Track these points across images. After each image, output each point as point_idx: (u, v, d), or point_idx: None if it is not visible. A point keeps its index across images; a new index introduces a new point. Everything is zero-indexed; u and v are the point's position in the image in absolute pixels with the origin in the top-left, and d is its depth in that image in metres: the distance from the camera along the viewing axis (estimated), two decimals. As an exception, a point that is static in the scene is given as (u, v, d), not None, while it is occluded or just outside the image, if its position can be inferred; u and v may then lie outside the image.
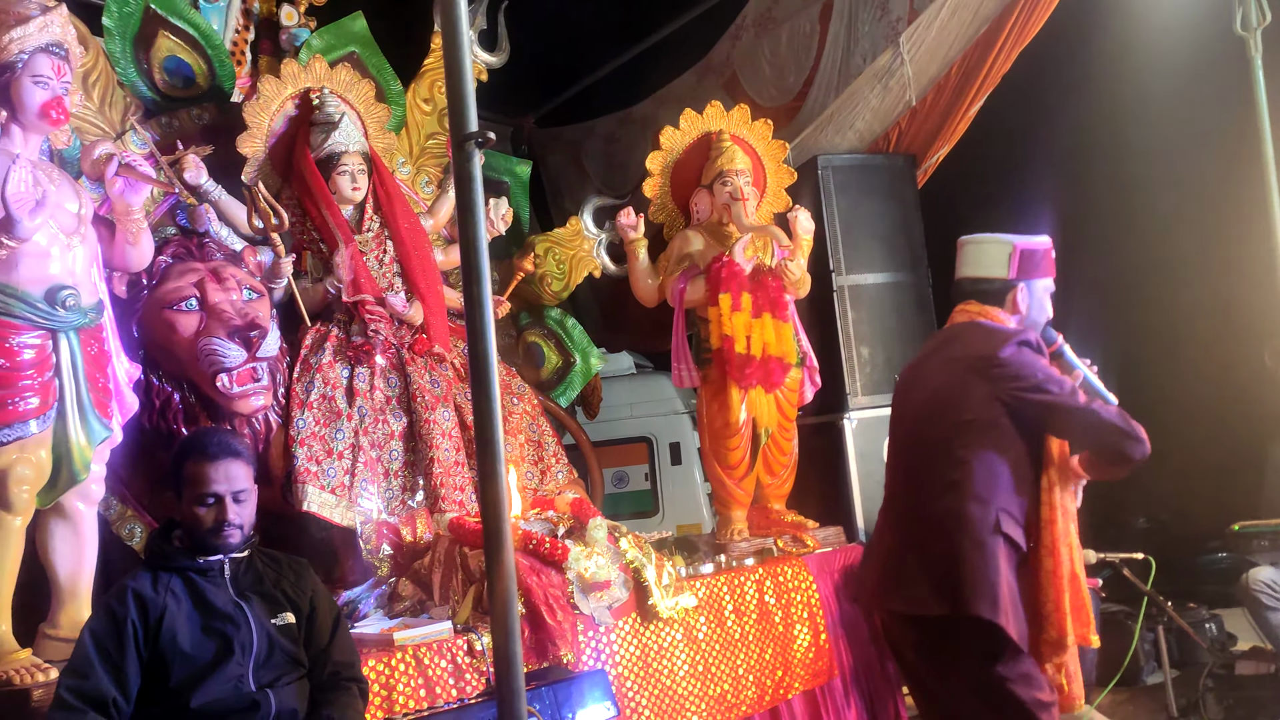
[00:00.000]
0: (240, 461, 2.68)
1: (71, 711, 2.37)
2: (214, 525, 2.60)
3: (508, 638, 1.45)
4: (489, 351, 1.50)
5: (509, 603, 1.46)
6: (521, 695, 1.41)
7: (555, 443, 4.73)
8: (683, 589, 3.91)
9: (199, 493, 2.60)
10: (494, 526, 1.47)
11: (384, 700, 3.09)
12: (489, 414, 1.47)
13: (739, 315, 4.67)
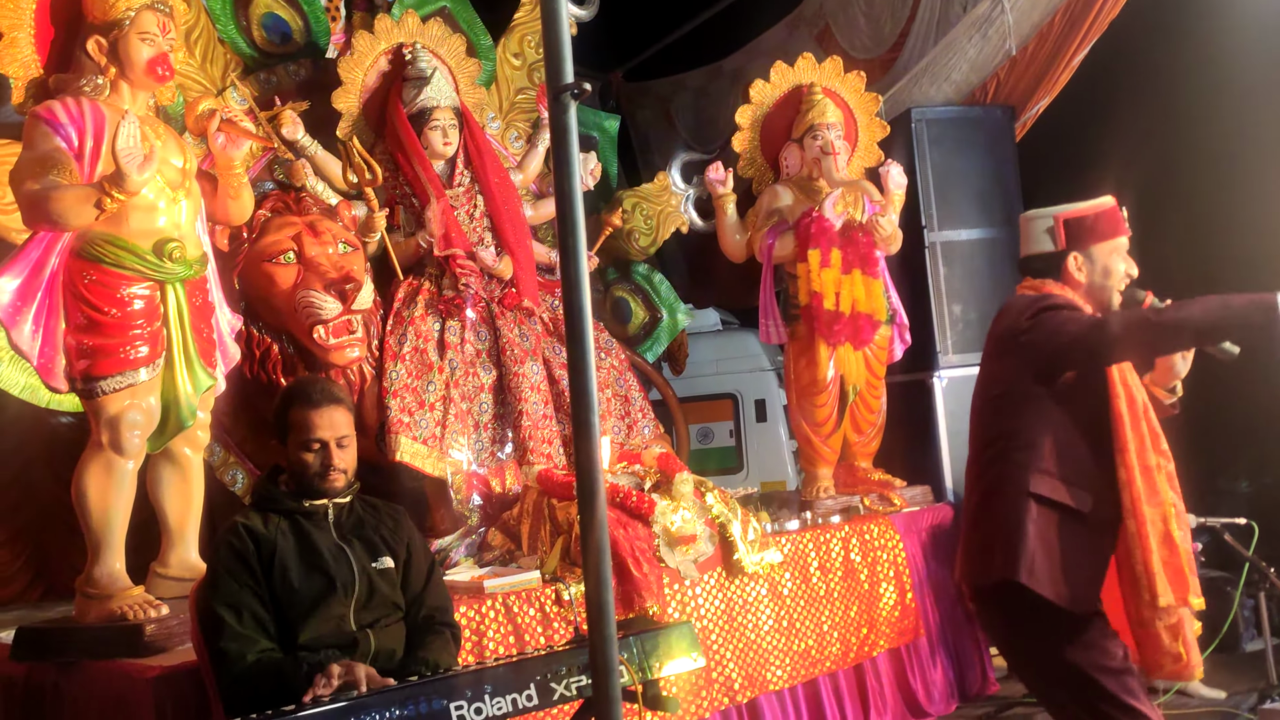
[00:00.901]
0: (343, 408, 2.74)
1: (244, 640, 2.45)
2: (320, 470, 2.66)
3: (599, 585, 1.47)
4: (584, 304, 1.50)
5: (601, 550, 1.48)
6: (613, 641, 1.43)
7: (642, 398, 4.75)
8: (768, 545, 3.92)
9: (305, 438, 2.66)
10: (587, 472, 1.48)
11: (475, 645, 3.17)
12: (584, 365, 1.48)
13: (828, 271, 4.62)
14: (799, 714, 3.97)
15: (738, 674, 3.73)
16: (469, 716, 2.21)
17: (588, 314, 1.63)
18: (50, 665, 3.05)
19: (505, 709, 2.26)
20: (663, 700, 2.45)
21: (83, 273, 3.10)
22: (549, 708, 2.38)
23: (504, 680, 2.29)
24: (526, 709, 2.30)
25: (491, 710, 2.24)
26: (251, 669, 2.40)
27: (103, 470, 3.08)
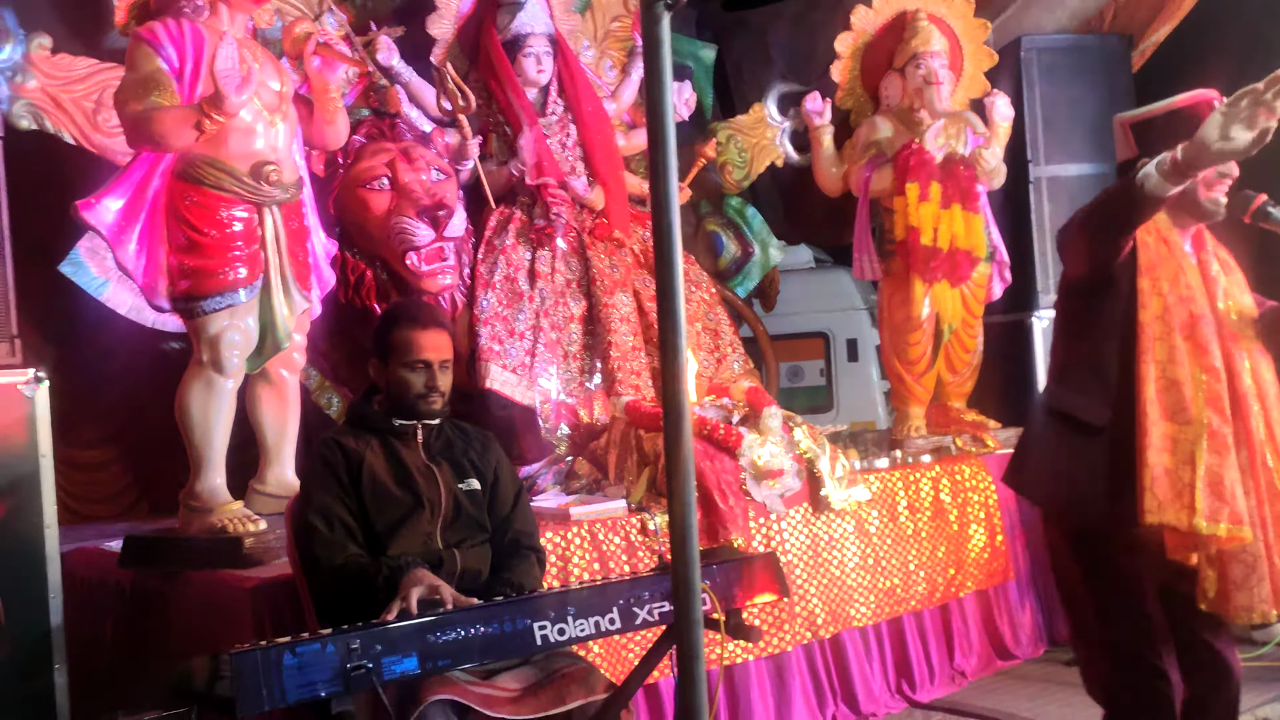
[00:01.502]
0: (446, 333, 2.76)
1: (333, 545, 2.50)
2: (423, 391, 2.67)
3: (684, 509, 1.44)
4: (673, 225, 1.46)
5: (686, 473, 1.45)
6: (695, 565, 1.40)
7: (731, 332, 4.70)
8: (856, 482, 3.87)
9: (409, 359, 2.66)
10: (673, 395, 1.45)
11: (560, 570, 3.21)
12: (672, 289, 1.44)
13: (927, 205, 4.48)
14: (882, 651, 3.94)
15: (821, 609, 3.71)
16: (552, 636, 2.23)
17: (677, 236, 1.59)
18: (155, 573, 3.18)
19: (588, 630, 2.27)
20: (745, 629, 2.44)
21: (184, 194, 3.16)
22: (631, 631, 2.39)
23: (587, 603, 2.29)
24: (609, 632, 2.31)
25: (574, 631, 2.25)
26: (340, 572, 2.46)
27: (204, 388, 3.17)
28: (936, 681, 4.05)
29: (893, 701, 3.89)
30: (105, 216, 3.14)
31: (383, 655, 2.05)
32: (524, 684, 2.44)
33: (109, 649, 3.25)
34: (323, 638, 2.00)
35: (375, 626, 2.11)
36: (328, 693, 1.98)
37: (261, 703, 1.92)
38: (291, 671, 1.96)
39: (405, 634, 2.09)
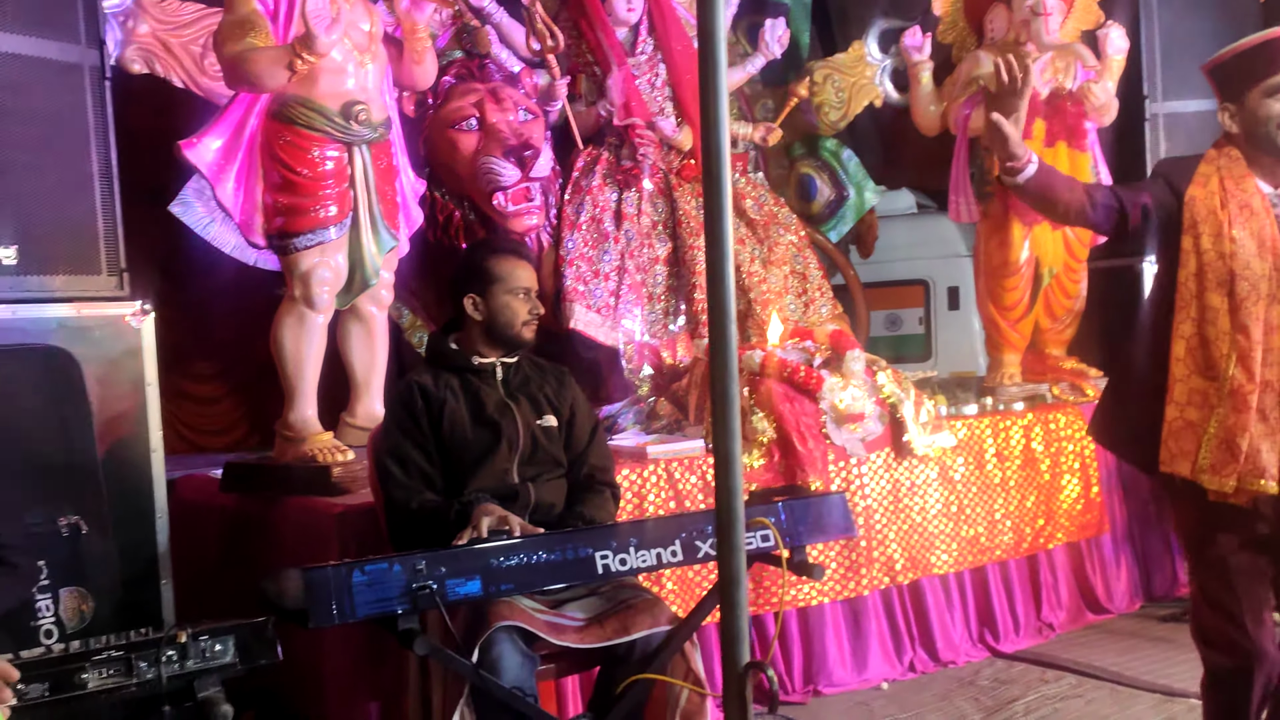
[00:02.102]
0: (533, 267, 2.83)
1: (408, 490, 2.60)
2: (529, 317, 2.74)
3: (728, 438, 1.45)
4: (721, 147, 1.45)
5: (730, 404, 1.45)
6: (738, 494, 1.41)
7: (820, 276, 4.65)
8: (941, 428, 3.81)
9: (514, 286, 2.72)
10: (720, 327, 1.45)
11: (635, 507, 3.25)
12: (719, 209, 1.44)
13: (1029, 144, 4.30)
14: (964, 600, 3.90)
15: (900, 555, 3.68)
16: (613, 566, 2.27)
17: (726, 157, 1.58)
18: (254, 497, 3.34)
19: (649, 561, 2.31)
20: (809, 567, 2.44)
21: (278, 134, 3.25)
22: (692, 564, 2.42)
23: (650, 534, 2.33)
24: (670, 563, 2.34)
25: (636, 562, 2.29)
26: (414, 514, 2.55)
27: (296, 322, 3.28)
28: (1022, 633, 3.99)
29: (974, 650, 3.85)
30: (205, 156, 3.26)
31: (447, 577, 2.12)
32: (590, 614, 2.49)
33: (213, 567, 3.44)
34: (390, 558, 2.09)
35: (441, 550, 2.19)
36: (393, 610, 2.06)
37: (332, 616, 2.02)
38: (361, 588, 2.05)
39: (469, 557, 2.16)
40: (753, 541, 2.39)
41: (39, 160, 2.98)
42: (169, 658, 1.85)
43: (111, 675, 1.82)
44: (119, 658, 1.83)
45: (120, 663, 1.83)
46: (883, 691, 3.57)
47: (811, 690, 3.52)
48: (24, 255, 2.92)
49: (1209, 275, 2.37)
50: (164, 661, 1.85)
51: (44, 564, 2.58)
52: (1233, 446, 2.33)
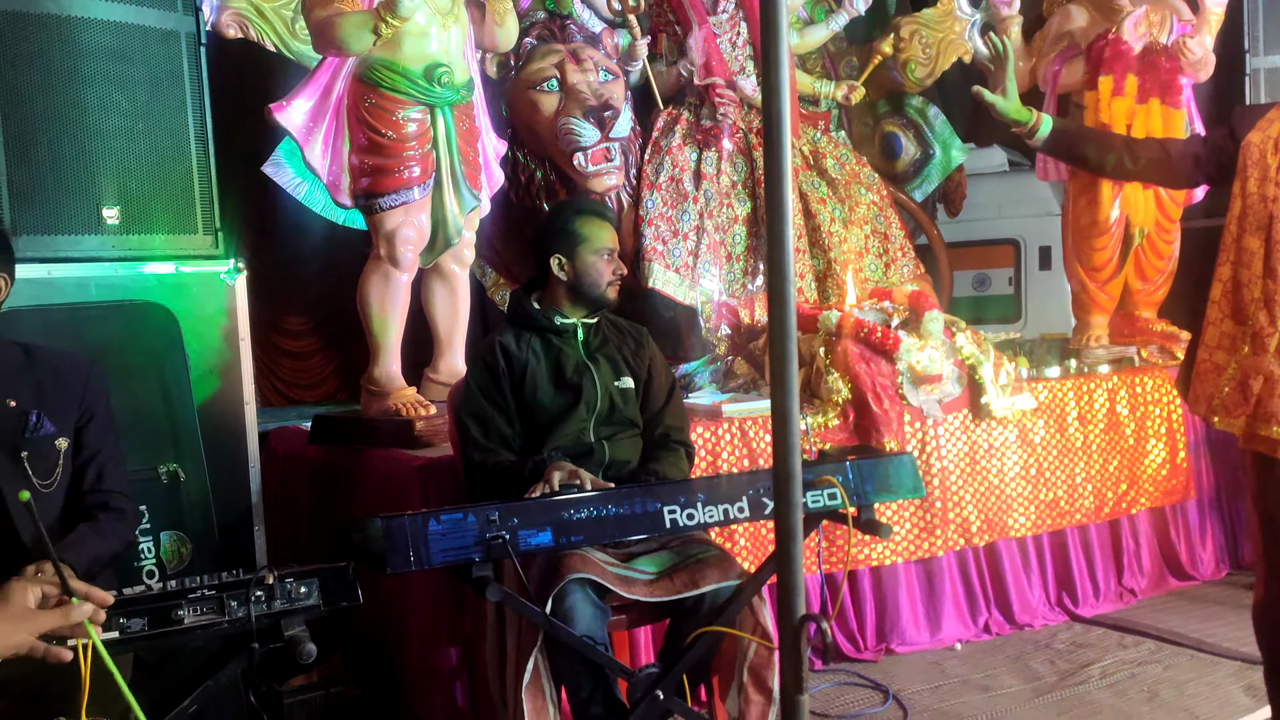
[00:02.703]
0: (615, 228, 2.87)
1: (486, 450, 2.69)
2: (614, 277, 2.79)
3: (785, 394, 1.47)
4: (783, 109, 1.46)
5: (788, 360, 1.48)
6: (796, 450, 1.44)
7: (902, 235, 4.60)
8: (1021, 390, 3.76)
9: (599, 247, 2.77)
10: (779, 284, 1.48)
11: (709, 464, 3.30)
12: (779, 172, 1.45)
13: (1120, 100, 4.20)
14: (1042, 563, 3.86)
15: (976, 517, 3.66)
16: (680, 520, 2.32)
17: (786, 121, 1.58)
18: (340, 449, 3.47)
19: (716, 517, 2.35)
20: (877, 525, 2.46)
21: (364, 96, 3.33)
22: (758, 520, 2.45)
23: (718, 491, 2.37)
24: (737, 519, 2.37)
25: (703, 517, 2.33)
26: (490, 474, 2.64)
27: (381, 281, 3.38)
28: (1102, 598, 3.94)
29: (1051, 614, 3.82)
30: (295, 118, 3.36)
31: (519, 528, 2.19)
32: (660, 568, 2.55)
33: (303, 514, 3.59)
34: (464, 508, 2.16)
35: (514, 501, 2.26)
36: (467, 558, 2.14)
37: (409, 563, 2.10)
38: (436, 537, 2.13)
39: (541, 509, 2.23)
40: (820, 500, 2.42)
41: (139, 125, 3.11)
42: (258, 598, 1.95)
43: (205, 612, 1.93)
44: (212, 596, 1.93)
45: (213, 601, 1.93)
46: (956, 652, 3.57)
47: (884, 649, 3.54)
48: (126, 216, 3.05)
49: (1249, 219, 2.39)
50: (253, 601, 1.95)
51: (145, 509, 2.73)
52: (1245, 388, 2.35)
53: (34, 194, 2.90)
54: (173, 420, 2.95)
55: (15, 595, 1.36)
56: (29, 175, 2.89)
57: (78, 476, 2.23)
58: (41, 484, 2.15)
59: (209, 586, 1.94)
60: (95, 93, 2.99)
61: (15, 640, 1.32)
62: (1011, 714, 3.06)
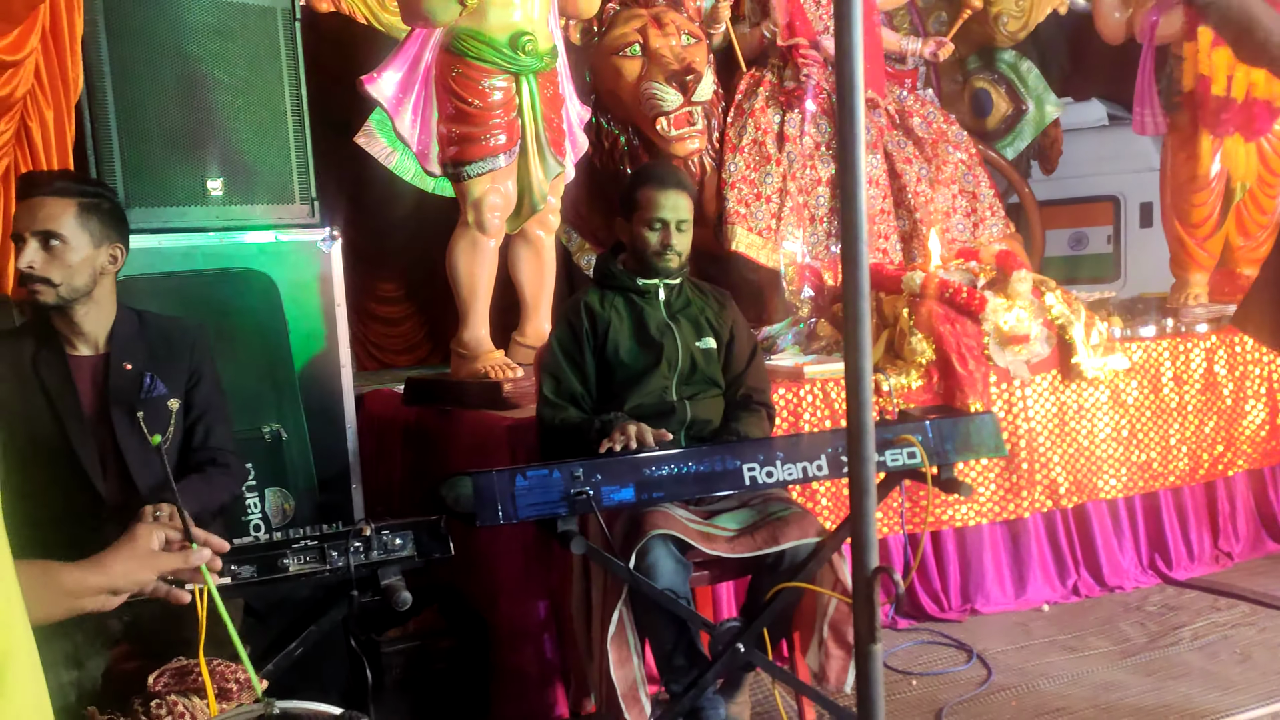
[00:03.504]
0: (687, 195, 2.88)
1: (555, 407, 2.78)
2: (659, 248, 2.82)
3: (858, 354, 1.51)
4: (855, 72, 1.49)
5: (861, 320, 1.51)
6: (868, 408, 1.47)
7: (992, 194, 4.53)
8: (1113, 350, 3.69)
9: (649, 216, 2.81)
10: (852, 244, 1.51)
11: (791, 425, 3.32)
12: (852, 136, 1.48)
13: (1221, 51, 4.06)
14: (1134, 526, 3.80)
15: (1065, 479, 3.62)
16: (760, 478, 2.36)
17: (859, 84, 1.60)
18: (432, 410, 3.58)
19: (795, 475, 2.38)
20: (957, 484, 2.46)
21: (450, 66, 3.41)
22: (837, 478, 2.47)
23: (797, 449, 2.40)
24: (815, 477, 2.41)
25: (782, 474, 2.37)
26: (556, 430, 2.71)
27: (469, 246, 3.47)
28: (1196, 560, 3.87)
29: (1143, 577, 3.77)
30: (385, 89, 3.45)
31: (602, 484, 2.26)
32: (741, 525, 2.60)
33: (398, 474, 3.72)
34: (550, 465, 2.24)
35: (598, 458, 2.32)
36: (553, 513, 2.22)
37: (497, 517, 2.19)
38: (523, 492, 2.21)
39: (623, 466, 2.29)
40: (899, 458, 2.43)
41: (240, 99, 3.24)
42: (356, 548, 2.06)
43: (308, 561, 2.05)
44: (314, 546, 2.05)
45: (315, 551, 2.05)
46: (1043, 613, 3.55)
47: (969, 609, 3.54)
48: (228, 187, 3.19)
49: None
50: (352, 551, 2.06)
51: (251, 467, 2.88)
52: None
53: (144, 167, 3.05)
54: (275, 383, 3.09)
55: (141, 536, 1.45)
56: (139, 149, 3.04)
57: (188, 435, 2.37)
58: (156, 442, 2.29)
59: (311, 538, 2.06)
60: (199, 68, 3.13)
61: (140, 577, 1.40)
62: (1097, 674, 3.04)
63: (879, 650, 1.58)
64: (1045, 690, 2.96)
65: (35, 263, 2.17)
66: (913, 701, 2.91)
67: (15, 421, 2.18)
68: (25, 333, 2.30)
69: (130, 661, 2.02)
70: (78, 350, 2.27)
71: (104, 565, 1.37)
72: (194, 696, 1.85)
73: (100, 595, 1.36)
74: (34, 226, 2.17)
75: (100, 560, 1.39)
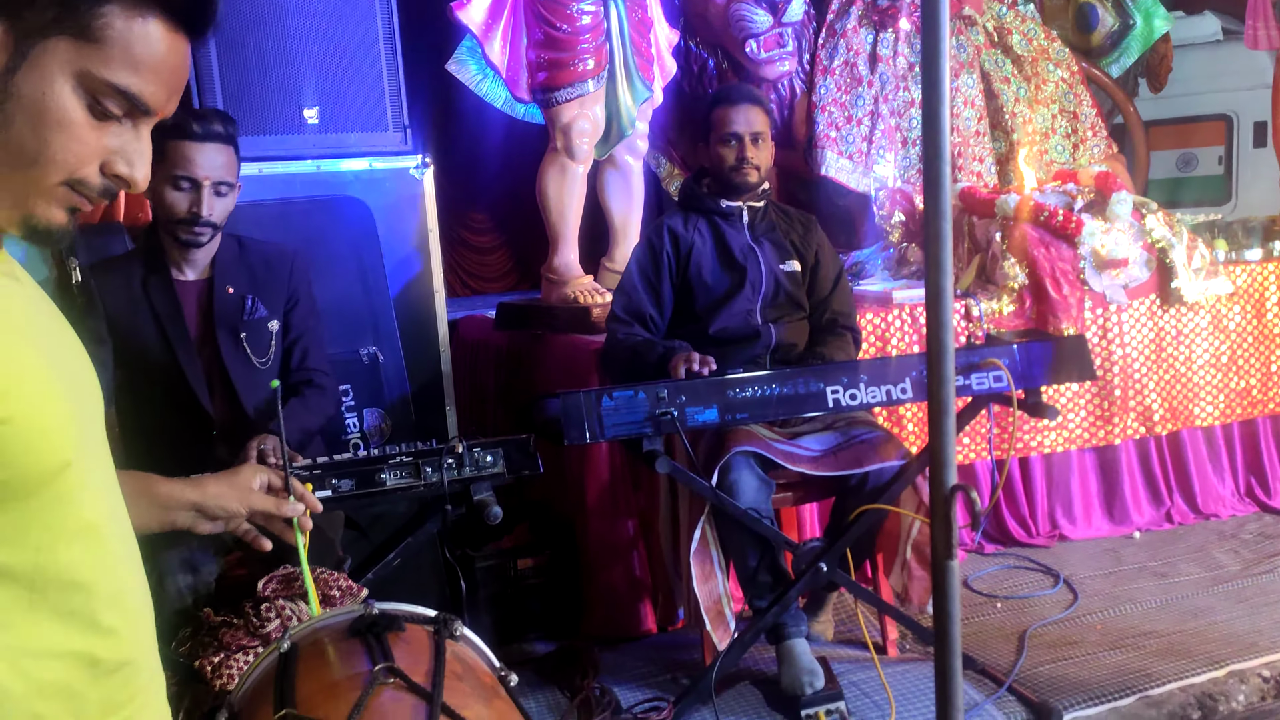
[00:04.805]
0: (759, 109, 2.87)
1: (621, 323, 2.83)
2: (735, 163, 2.82)
3: (939, 274, 1.52)
4: None
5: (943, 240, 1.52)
6: (948, 328, 1.48)
7: (1095, 114, 4.38)
8: (1216, 274, 3.58)
9: (723, 133, 2.82)
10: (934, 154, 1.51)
11: (878, 350, 3.31)
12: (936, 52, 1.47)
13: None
14: (1231, 453, 3.71)
15: (1159, 405, 3.54)
16: (843, 400, 2.38)
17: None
18: (523, 334, 3.66)
19: (878, 398, 2.39)
20: (1043, 408, 2.45)
21: (539, -9, 3.42)
22: (921, 401, 2.48)
23: (881, 372, 2.41)
24: (899, 400, 2.42)
25: (865, 397, 2.38)
26: (620, 343, 2.76)
27: (558, 173, 3.50)
28: (1296, 489, 3.77)
29: (1240, 505, 3.69)
30: (475, 16, 3.47)
31: (687, 405, 2.30)
32: (825, 446, 2.63)
33: (490, 397, 3.82)
34: (635, 386, 2.29)
35: (683, 380, 2.37)
36: (639, 432, 2.28)
37: (584, 436, 2.26)
38: (609, 412, 2.27)
39: (708, 387, 2.33)
40: (985, 382, 2.42)
41: (333, 28, 3.29)
42: (449, 465, 2.15)
43: (403, 477, 2.14)
44: (409, 462, 2.14)
45: (410, 466, 2.14)
46: (1134, 540, 3.51)
47: (1057, 535, 3.52)
48: (323, 115, 3.27)
49: None
50: (445, 467, 2.14)
51: (349, 388, 2.99)
52: None
53: (244, 96, 3.13)
54: (371, 307, 3.19)
55: (244, 472, 1.51)
56: (239, 78, 3.12)
57: (286, 356, 2.47)
58: (259, 362, 2.40)
59: (406, 454, 2.15)
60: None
61: (229, 505, 1.43)
62: (1187, 600, 3.01)
63: (956, 566, 1.60)
64: (1132, 615, 2.95)
65: (214, 212, 2.28)
66: (996, 624, 2.92)
67: (128, 343, 2.31)
68: (134, 258, 2.42)
69: (241, 569, 2.14)
70: (184, 275, 2.38)
71: (199, 484, 1.42)
72: (299, 601, 1.96)
73: (190, 512, 1.40)
74: (214, 176, 2.26)
75: (198, 480, 1.44)
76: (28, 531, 0.90)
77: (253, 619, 1.93)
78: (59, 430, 0.91)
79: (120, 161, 0.92)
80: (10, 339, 0.89)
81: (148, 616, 1.06)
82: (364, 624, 1.24)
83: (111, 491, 1.03)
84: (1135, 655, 2.68)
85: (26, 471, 0.88)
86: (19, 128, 0.87)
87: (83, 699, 0.94)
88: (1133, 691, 2.48)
